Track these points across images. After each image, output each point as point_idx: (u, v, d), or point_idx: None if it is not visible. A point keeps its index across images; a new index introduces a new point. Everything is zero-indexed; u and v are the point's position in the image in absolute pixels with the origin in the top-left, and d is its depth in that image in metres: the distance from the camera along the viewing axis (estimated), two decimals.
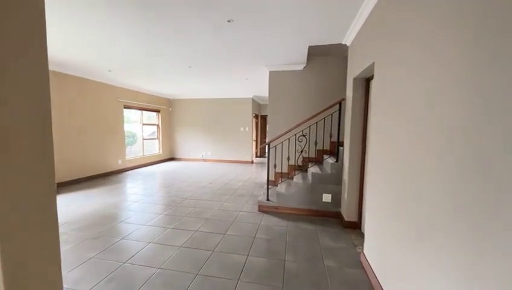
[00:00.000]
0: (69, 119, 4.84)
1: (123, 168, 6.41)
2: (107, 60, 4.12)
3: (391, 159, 1.60)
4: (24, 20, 0.71)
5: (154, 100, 7.78)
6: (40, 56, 0.76)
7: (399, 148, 1.48)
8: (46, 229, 0.79)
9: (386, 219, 1.65)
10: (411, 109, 1.32)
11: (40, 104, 0.79)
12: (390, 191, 1.60)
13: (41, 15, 0.76)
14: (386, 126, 1.71)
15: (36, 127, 0.77)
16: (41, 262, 0.78)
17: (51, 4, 2.29)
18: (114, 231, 2.77)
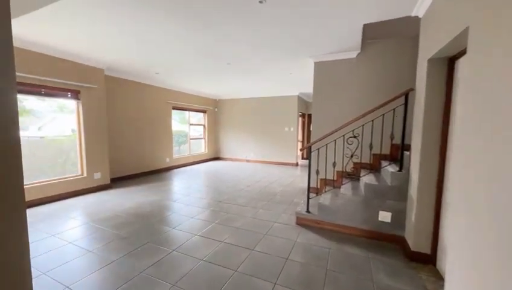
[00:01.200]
0: (122, 119, 5.27)
1: (171, 166, 6.74)
2: (154, 62, 4.27)
3: (502, 175, 0.94)
4: None
5: (201, 101, 8.01)
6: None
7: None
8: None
9: (491, 263, 0.99)
10: None
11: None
12: (495, 222, 0.94)
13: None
14: (492, 124, 1.04)
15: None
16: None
17: (112, 15, 2.34)
18: (142, 233, 2.72)
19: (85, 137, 4.19)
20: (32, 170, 3.92)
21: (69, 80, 3.87)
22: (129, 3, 2.28)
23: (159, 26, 2.78)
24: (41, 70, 3.54)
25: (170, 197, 4.13)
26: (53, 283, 1.84)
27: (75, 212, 3.36)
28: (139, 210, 3.43)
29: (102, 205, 3.64)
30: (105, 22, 2.70)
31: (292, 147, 7.67)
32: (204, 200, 3.92)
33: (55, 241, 2.50)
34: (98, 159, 4.41)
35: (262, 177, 5.82)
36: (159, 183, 5.07)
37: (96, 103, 4.32)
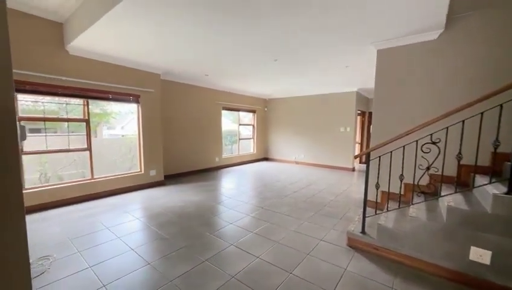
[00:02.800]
0: (175, 120, 5.62)
1: (220, 165, 6.90)
2: (204, 65, 4.36)
3: None
4: None
5: (250, 101, 7.96)
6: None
7: None
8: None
9: None
10: None
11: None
12: None
13: None
14: None
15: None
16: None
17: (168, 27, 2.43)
18: (181, 236, 2.70)
19: (143, 137, 4.59)
20: (114, 163, 4.57)
21: (130, 86, 4.28)
22: (185, 16, 2.26)
23: (211, 30, 2.74)
24: (108, 78, 4.00)
25: (214, 198, 4.12)
26: (92, 280, 1.93)
27: (130, 206, 3.66)
28: (184, 210, 3.49)
29: (154, 202, 3.88)
30: (162, 33, 2.81)
31: (348, 150, 6.84)
32: (247, 205, 3.74)
33: (107, 234, 2.71)
34: (154, 157, 4.79)
35: (311, 182, 5.32)
36: (206, 183, 5.19)
37: (152, 105, 4.68)
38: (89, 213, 3.34)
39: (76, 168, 4.26)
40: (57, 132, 4.40)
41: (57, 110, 4.45)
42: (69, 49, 3.46)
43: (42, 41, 3.24)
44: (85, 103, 3.92)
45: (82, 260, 2.19)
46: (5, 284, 0.82)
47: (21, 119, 3.31)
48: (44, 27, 3.23)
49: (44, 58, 3.29)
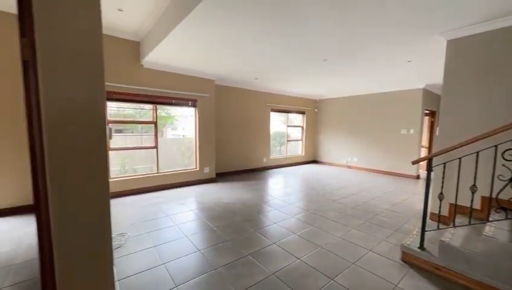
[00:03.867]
0: (226, 122, 6.01)
1: (267, 166, 7.05)
2: (253, 69, 4.57)
3: None
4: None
5: (300, 102, 7.86)
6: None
7: None
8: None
9: None
10: None
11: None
12: None
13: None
14: None
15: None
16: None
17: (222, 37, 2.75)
18: (228, 229, 2.90)
19: (199, 137, 5.09)
20: (174, 160, 5.26)
21: (189, 92, 4.81)
22: (235, 27, 2.49)
23: (259, 36, 2.91)
24: (172, 86, 4.59)
25: (261, 197, 4.25)
26: (155, 257, 2.27)
27: (186, 199, 4.12)
28: (232, 206, 3.73)
29: (206, 196, 4.26)
30: (217, 44, 3.10)
31: (411, 154, 6.05)
32: (292, 207, 3.74)
33: (167, 221, 3.13)
34: (207, 156, 5.25)
35: (364, 188, 4.92)
36: (253, 182, 5.39)
37: (207, 109, 5.15)
38: (154, 202, 3.90)
39: (146, 163, 5.02)
40: (133, 132, 5.30)
41: (133, 114, 5.34)
42: (144, 63, 4.13)
43: (125, 58, 3.96)
44: (154, 108, 4.60)
45: (148, 240, 2.59)
46: (95, 252, 1.08)
47: (109, 123, 4.12)
48: (126, 46, 3.95)
49: (126, 72, 4.01)
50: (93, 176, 1.04)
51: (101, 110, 1.03)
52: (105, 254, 1.12)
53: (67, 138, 0.97)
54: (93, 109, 1.01)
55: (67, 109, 0.96)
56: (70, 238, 1.01)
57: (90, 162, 1.02)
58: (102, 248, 1.10)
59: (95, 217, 1.07)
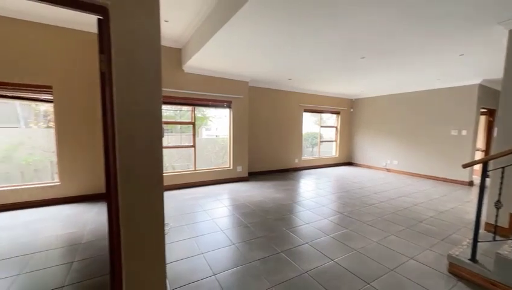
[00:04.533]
0: (259, 122, 6.12)
1: (299, 167, 6.98)
2: (287, 70, 4.62)
3: None
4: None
5: (334, 102, 7.63)
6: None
7: None
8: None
9: None
10: None
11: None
12: None
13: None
14: None
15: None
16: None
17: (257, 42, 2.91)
18: (260, 227, 2.99)
19: (232, 137, 5.30)
20: (208, 159, 5.57)
21: (224, 93, 5.05)
22: (267, 30, 2.58)
23: (293, 37, 2.94)
24: (209, 88, 4.87)
25: (292, 198, 4.26)
26: (194, 247, 2.46)
27: (221, 195, 4.33)
28: (264, 204, 3.81)
29: (239, 194, 4.43)
30: (254, 47, 3.23)
31: (463, 158, 5.43)
32: (324, 209, 3.68)
33: (204, 215, 3.35)
34: (240, 155, 5.43)
35: (405, 194, 4.58)
36: (285, 182, 5.41)
37: (241, 110, 5.33)
38: (192, 197, 4.19)
39: (183, 161, 5.41)
40: (172, 132, 5.75)
41: (173, 115, 5.80)
42: (184, 68, 4.47)
43: (170, 64, 4.34)
44: (192, 109, 4.93)
45: (187, 231, 2.82)
46: (152, 234, 1.25)
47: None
48: (171, 53, 4.33)
49: (170, 77, 4.39)
50: (152, 170, 1.21)
51: (158, 112, 1.20)
52: (159, 237, 1.29)
53: (133, 136, 1.16)
54: (153, 111, 1.18)
55: (133, 112, 1.14)
56: (133, 221, 1.20)
57: (150, 157, 1.20)
58: (158, 232, 1.28)
59: (152, 205, 1.24)
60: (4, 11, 3.09)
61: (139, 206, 1.22)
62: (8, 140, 4.28)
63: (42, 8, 3.05)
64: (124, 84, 1.12)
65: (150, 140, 1.19)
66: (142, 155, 1.19)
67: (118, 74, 1.11)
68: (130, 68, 1.13)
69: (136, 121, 1.15)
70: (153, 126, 1.19)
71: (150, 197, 1.24)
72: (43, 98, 3.59)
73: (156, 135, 1.20)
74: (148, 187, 1.22)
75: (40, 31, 3.35)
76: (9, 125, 4.73)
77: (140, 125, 1.17)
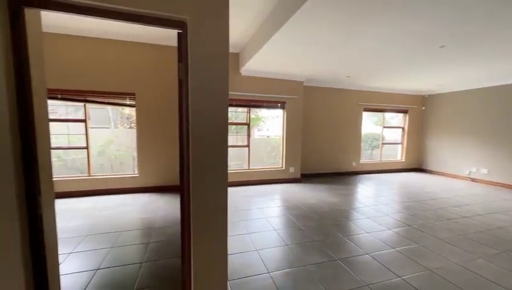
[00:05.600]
0: (313, 122, 5.92)
1: (357, 171, 6.46)
2: (345, 67, 4.35)
3: None
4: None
5: (401, 100, 6.77)
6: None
7: None
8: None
9: None
10: None
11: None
12: None
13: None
14: None
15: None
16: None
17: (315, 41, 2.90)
18: (315, 230, 2.89)
19: (286, 138, 5.29)
20: (260, 158, 5.74)
21: (279, 94, 5.08)
22: (326, 25, 2.50)
23: (353, 30, 2.77)
24: (263, 90, 4.98)
25: (350, 203, 3.98)
26: (249, 243, 2.55)
27: (273, 195, 4.37)
28: (319, 208, 3.68)
29: (292, 195, 4.39)
30: (314, 46, 3.18)
31: None
32: (387, 218, 3.31)
33: (257, 213, 3.44)
34: (293, 156, 5.37)
35: (499, 209, 3.72)
36: (341, 187, 5.09)
37: (295, 110, 5.27)
38: (245, 195, 4.36)
39: (237, 160, 5.67)
40: (228, 132, 6.10)
41: (230, 116, 6.15)
42: (241, 71, 4.69)
43: (230, 68, 4.61)
44: (247, 110, 5.14)
45: (242, 227, 2.95)
46: (218, 223, 1.36)
47: None
48: (230, 58, 4.57)
49: (230, 80, 4.62)
50: (218, 166, 1.32)
51: (225, 115, 1.30)
52: (223, 227, 1.39)
53: (203, 136, 1.29)
54: (220, 114, 1.29)
55: (204, 114, 1.27)
56: (203, 210, 1.34)
57: (217, 155, 1.31)
58: (222, 222, 1.38)
59: (218, 198, 1.35)
60: (99, 34, 3.84)
61: (207, 198, 1.34)
62: (103, 138, 5.32)
63: (126, 29, 3.66)
64: (197, 90, 1.26)
65: (218, 140, 1.30)
66: (210, 153, 1.31)
67: (192, 80, 1.25)
68: (203, 75, 1.26)
69: (206, 122, 1.28)
70: (220, 127, 1.30)
71: (217, 191, 1.35)
72: (128, 103, 4.32)
73: (223, 135, 1.30)
74: (215, 182, 1.34)
75: (125, 47, 4.04)
76: (103, 126, 5.90)
77: (210, 126, 1.29)
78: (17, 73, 1.11)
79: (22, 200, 1.14)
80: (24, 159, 1.13)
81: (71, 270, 2.01)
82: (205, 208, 1.36)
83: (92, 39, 3.86)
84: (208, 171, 1.32)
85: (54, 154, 4.60)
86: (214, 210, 1.38)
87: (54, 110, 4.56)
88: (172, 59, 4.20)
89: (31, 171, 1.15)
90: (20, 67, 1.11)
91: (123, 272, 2.00)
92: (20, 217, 1.12)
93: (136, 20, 1.19)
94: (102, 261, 2.15)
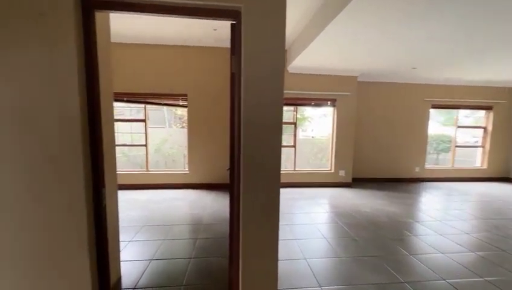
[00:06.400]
0: (368, 121, 5.33)
1: (420, 177, 5.59)
2: (410, 56, 3.78)
3: None
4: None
5: (483, 93, 5.58)
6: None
7: None
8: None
9: None
10: None
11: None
12: None
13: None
14: None
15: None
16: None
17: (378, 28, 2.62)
18: (372, 244, 2.54)
19: (336, 138, 4.89)
20: (306, 160, 5.48)
21: (329, 91, 4.73)
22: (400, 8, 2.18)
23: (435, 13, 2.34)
24: (312, 87, 4.70)
25: (414, 215, 3.43)
26: (297, 250, 2.38)
27: (321, 200, 4.07)
28: (375, 218, 3.26)
29: (342, 201, 4.02)
30: (372, 36, 2.85)
31: None
32: (467, 237, 2.71)
33: (303, 218, 3.22)
34: (344, 158, 4.94)
35: None
36: (400, 195, 4.45)
37: (347, 108, 4.83)
38: (291, 197, 4.16)
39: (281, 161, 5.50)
40: None
41: None
42: (289, 69, 4.52)
43: None
44: (294, 109, 4.93)
45: (289, 232, 2.78)
46: (269, 228, 1.24)
47: None
48: None
49: None
50: (271, 167, 1.20)
51: (279, 114, 1.17)
52: (274, 231, 1.28)
53: (256, 134, 1.18)
54: (274, 112, 1.17)
55: (257, 111, 1.17)
56: (253, 210, 1.24)
57: (270, 154, 1.19)
58: (273, 226, 1.27)
59: (270, 199, 1.24)
60: (154, 40, 4.15)
61: (258, 198, 1.25)
62: (159, 137, 5.83)
63: (178, 33, 3.86)
64: (250, 85, 1.16)
65: (271, 139, 1.18)
66: (263, 151, 1.19)
67: (246, 74, 1.15)
68: (257, 69, 1.16)
69: (260, 118, 1.17)
70: (274, 127, 1.18)
71: (268, 191, 1.24)
72: (181, 104, 4.59)
73: (277, 134, 1.17)
74: (267, 181, 1.23)
75: (177, 51, 4.30)
76: (159, 126, 6.47)
77: (263, 123, 1.18)
78: (87, 75, 1.19)
79: (89, 192, 1.23)
80: (92, 156, 1.21)
81: (130, 258, 2.16)
82: (256, 209, 1.27)
83: (148, 46, 4.24)
84: (259, 170, 1.21)
85: (120, 150, 5.23)
86: (265, 211, 1.27)
87: (121, 112, 5.20)
88: (222, 60, 4.32)
89: (97, 168, 1.22)
90: (90, 69, 1.19)
91: (174, 266, 2.06)
92: (87, 207, 1.20)
93: (190, 13, 1.15)
94: (155, 251, 2.27)
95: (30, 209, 1.16)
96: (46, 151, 1.15)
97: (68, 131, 1.15)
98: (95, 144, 1.20)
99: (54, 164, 1.15)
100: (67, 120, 1.14)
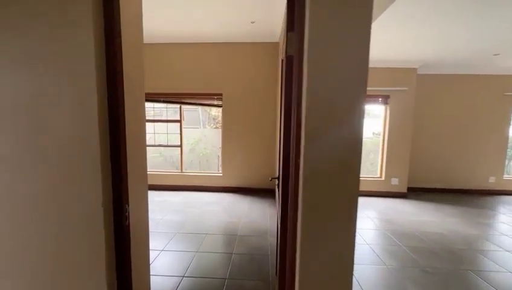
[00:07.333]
0: (429, 122, 4.52)
1: (495, 190, 4.55)
2: (488, 41, 3.00)
3: None
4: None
5: None
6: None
7: None
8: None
9: None
10: None
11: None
12: None
13: None
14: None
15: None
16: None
17: None
18: (452, 278, 1.96)
19: (388, 141, 4.22)
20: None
21: (380, 87, 4.09)
22: None
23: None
24: None
25: (496, 238, 2.69)
26: (354, 283, 1.93)
27: (370, 213, 3.50)
28: (449, 243, 2.61)
29: (398, 215, 3.39)
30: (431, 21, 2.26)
31: None
32: None
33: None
34: (398, 164, 4.23)
35: None
36: (475, 211, 3.62)
37: (403, 106, 4.13)
38: None
39: None
40: None
41: None
42: None
43: None
44: None
45: None
46: (341, 255, 0.87)
47: None
48: None
49: None
50: (350, 175, 0.83)
51: (360, 114, 0.78)
52: (349, 260, 0.91)
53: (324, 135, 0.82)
54: (354, 113, 0.78)
55: (329, 109, 0.80)
56: (316, 228, 0.88)
57: (345, 170, 0.81)
58: (348, 254, 0.91)
59: (342, 210, 0.86)
60: (189, 39, 4.01)
61: (325, 229, 0.88)
62: (193, 137, 5.80)
63: (214, 30, 3.65)
64: (317, 70, 0.80)
65: (348, 148, 0.81)
66: (333, 164, 0.82)
67: (311, 57, 0.79)
68: (329, 51, 0.79)
69: (332, 117, 0.80)
70: (352, 132, 0.79)
71: (340, 203, 0.86)
72: (216, 103, 4.42)
73: (357, 143, 0.79)
74: (341, 193, 0.85)
75: (213, 49, 4.11)
76: (194, 126, 6.48)
77: (336, 127, 0.80)
78: (108, 67, 0.97)
79: (109, 209, 1.01)
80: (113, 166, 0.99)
81: (161, 272, 1.98)
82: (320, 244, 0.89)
83: (185, 44, 4.12)
84: (327, 183, 0.84)
85: (157, 150, 5.30)
86: (336, 227, 0.90)
87: (159, 112, 5.27)
88: (258, 55, 4.03)
89: (120, 180, 0.99)
90: (111, 61, 0.97)
91: (207, 287, 1.80)
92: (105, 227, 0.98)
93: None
94: (188, 266, 2.05)
95: (40, 227, 0.99)
96: (59, 160, 0.96)
97: (84, 135, 0.94)
98: (117, 152, 0.97)
99: (66, 175, 0.96)
100: (85, 121, 0.93)
